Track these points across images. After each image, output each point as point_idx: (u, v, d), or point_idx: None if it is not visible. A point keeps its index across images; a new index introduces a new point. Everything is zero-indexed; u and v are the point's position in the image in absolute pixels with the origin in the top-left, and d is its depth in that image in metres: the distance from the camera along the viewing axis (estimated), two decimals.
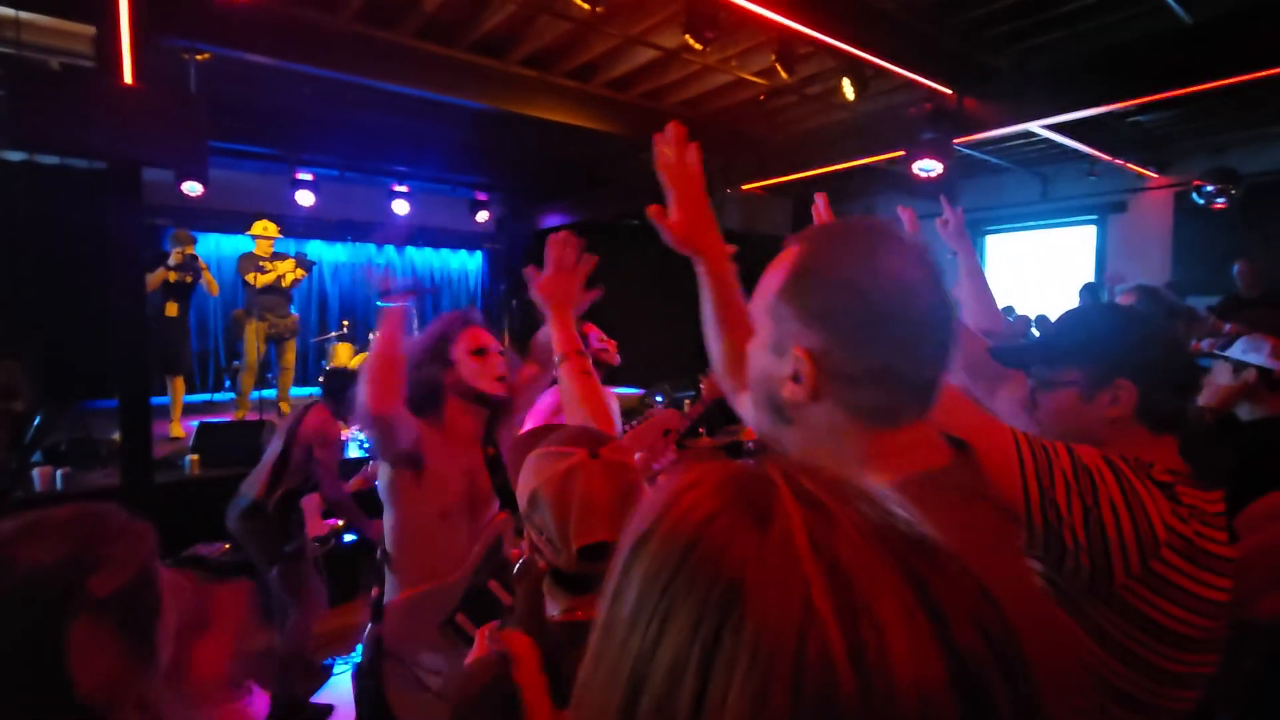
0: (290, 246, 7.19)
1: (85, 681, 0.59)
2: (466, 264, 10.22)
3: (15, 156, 5.70)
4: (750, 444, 3.93)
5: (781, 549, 0.31)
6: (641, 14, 4.19)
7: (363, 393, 1.54)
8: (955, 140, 4.87)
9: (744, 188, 6.54)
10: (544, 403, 2.44)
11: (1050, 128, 5.23)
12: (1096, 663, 0.89)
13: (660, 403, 6.79)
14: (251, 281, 5.99)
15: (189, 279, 5.52)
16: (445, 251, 9.97)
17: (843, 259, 0.66)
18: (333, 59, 4.25)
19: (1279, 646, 1.31)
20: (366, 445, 4.42)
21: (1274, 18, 3.68)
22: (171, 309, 5.45)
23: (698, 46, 3.67)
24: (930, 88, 4.67)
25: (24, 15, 3.68)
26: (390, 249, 9.49)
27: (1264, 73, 3.77)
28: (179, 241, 5.50)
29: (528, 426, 2.57)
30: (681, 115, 5.89)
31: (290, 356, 6.22)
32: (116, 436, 3.81)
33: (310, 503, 3.20)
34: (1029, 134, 5.62)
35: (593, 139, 6.11)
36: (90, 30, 3.77)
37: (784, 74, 4.11)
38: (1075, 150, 6.11)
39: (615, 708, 0.33)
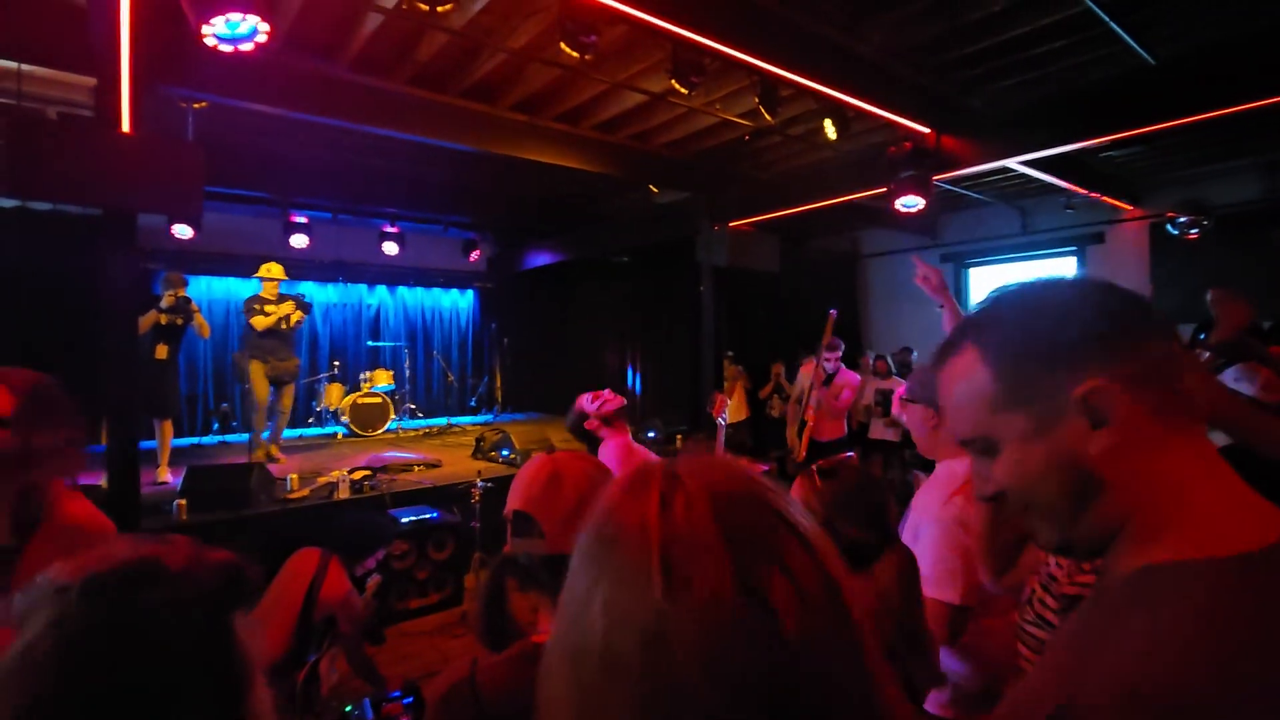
0: (287, 289, 7.22)
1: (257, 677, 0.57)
2: (458, 303, 10.29)
3: (6, 203, 5.74)
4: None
5: (640, 502, 0.47)
6: (629, 60, 4.34)
7: None
8: (935, 177, 5.02)
9: (732, 225, 6.66)
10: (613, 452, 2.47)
11: (1026, 163, 5.40)
12: None
13: (653, 437, 6.76)
14: (255, 325, 5.96)
15: (180, 321, 5.51)
16: (437, 291, 10.05)
17: (1035, 308, 0.63)
18: (329, 107, 4.34)
19: None
20: None
21: (1228, 58, 3.87)
22: (161, 351, 5.42)
23: (684, 91, 3.78)
24: (909, 127, 4.83)
25: (25, 67, 3.76)
26: (382, 289, 9.55)
27: (1222, 111, 3.94)
28: (171, 284, 5.50)
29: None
30: (668, 156, 6.05)
31: (288, 400, 6.14)
32: (102, 483, 3.74)
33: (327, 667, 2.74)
34: (1006, 170, 5.79)
35: (582, 179, 6.23)
36: (86, 80, 3.84)
37: (767, 116, 4.24)
38: (1052, 184, 6.30)
39: (573, 645, 0.46)
